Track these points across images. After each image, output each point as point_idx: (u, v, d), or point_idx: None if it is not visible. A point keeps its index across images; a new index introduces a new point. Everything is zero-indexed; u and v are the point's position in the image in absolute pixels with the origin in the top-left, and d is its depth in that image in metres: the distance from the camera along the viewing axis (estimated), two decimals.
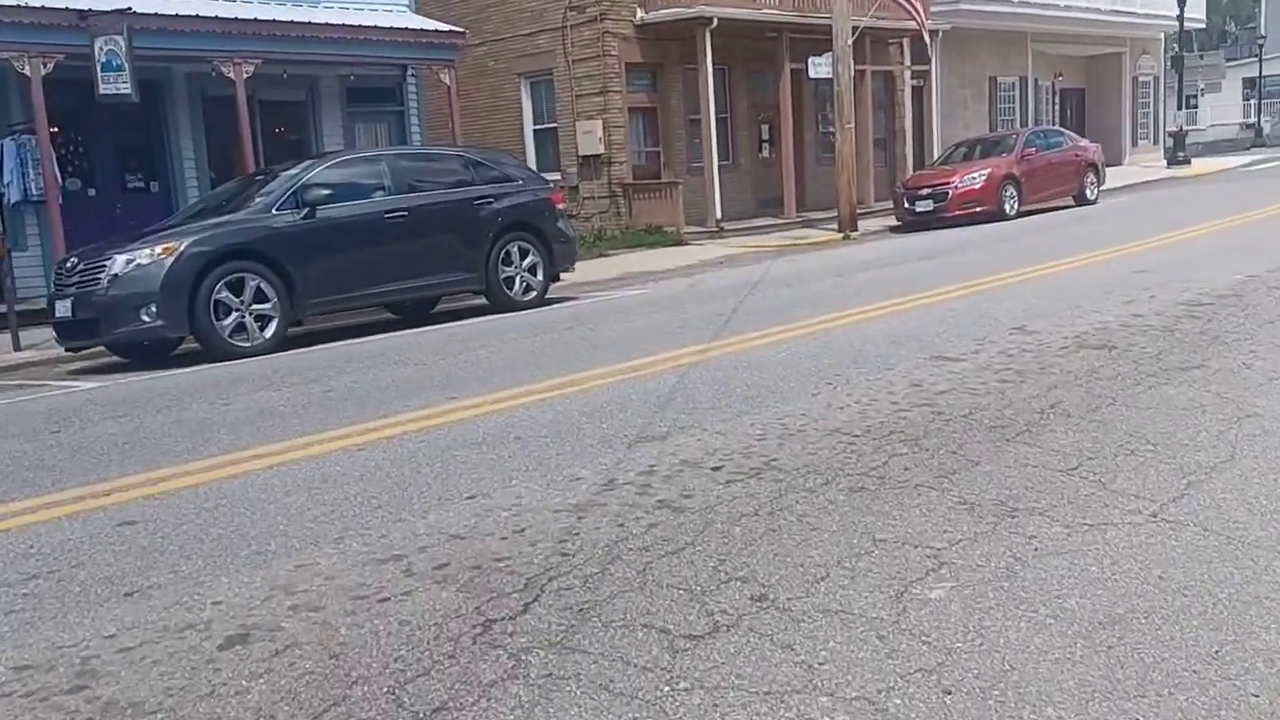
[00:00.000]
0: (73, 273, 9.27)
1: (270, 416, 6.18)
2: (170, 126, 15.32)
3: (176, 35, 13.66)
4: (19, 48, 12.49)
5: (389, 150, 11.05)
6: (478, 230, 11.01)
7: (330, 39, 15.00)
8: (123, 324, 8.98)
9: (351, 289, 10.06)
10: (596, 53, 20.53)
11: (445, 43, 16.37)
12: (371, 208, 10.30)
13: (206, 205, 10.88)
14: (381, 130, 17.63)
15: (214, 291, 9.11)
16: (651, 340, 7.92)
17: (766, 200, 23.81)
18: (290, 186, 9.84)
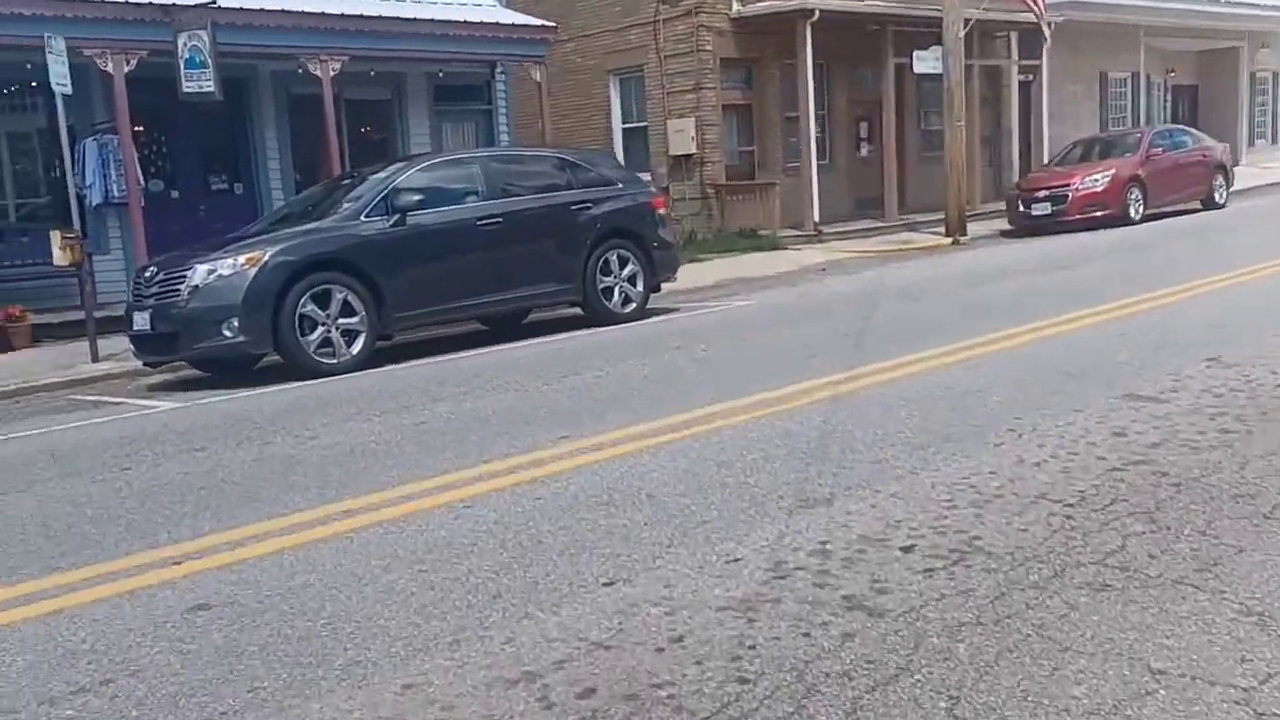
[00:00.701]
0: (151, 283, 8.73)
1: (361, 456, 5.47)
2: (254, 126, 14.87)
3: (262, 31, 13.16)
4: (102, 44, 12.08)
5: (481, 152, 10.37)
6: (575, 237, 10.26)
7: (419, 34, 14.40)
8: (203, 339, 8.41)
9: (443, 301, 9.38)
10: (690, 48, 19.69)
11: (537, 38, 15.69)
12: (464, 214, 9.61)
13: (291, 211, 10.29)
14: (469, 130, 17.02)
15: (299, 305, 8.49)
16: (776, 365, 7.06)
17: (864, 201, 22.74)
18: (380, 191, 9.18)
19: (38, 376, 9.85)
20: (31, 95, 13.40)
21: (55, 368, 10.30)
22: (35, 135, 13.66)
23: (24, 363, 10.68)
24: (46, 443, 6.72)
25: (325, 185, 10.68)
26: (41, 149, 13.68)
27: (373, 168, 10.40)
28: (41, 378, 9.81)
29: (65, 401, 8.86)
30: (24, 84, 13.15)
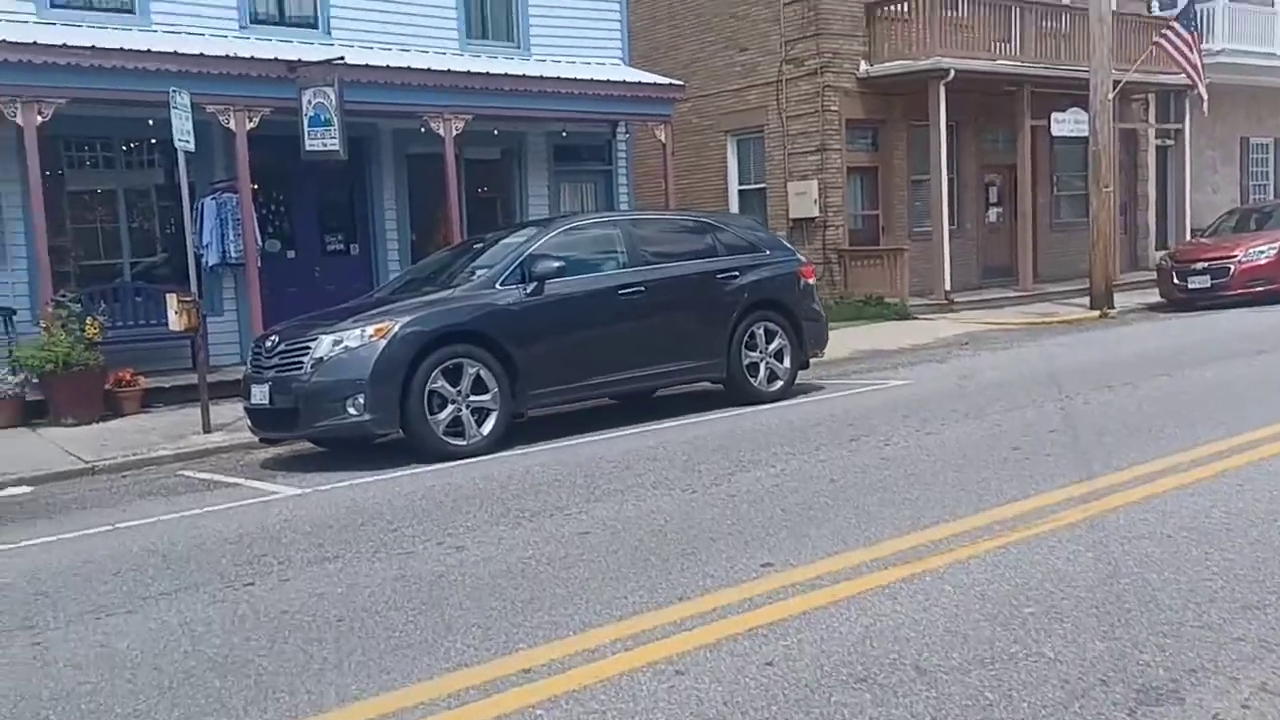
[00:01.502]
0: (272, 353, 8.06)
1: (522, 579, 4.57)
2: (373, 186, 14.40)
3: (386, 89, 12.70)
4: (225, 101, 11.69)
5: (623, 215, 9.59)
6: (720, 309, 9.37)
7: (544, 93, 13.82)
8: (325, 416, 7.68)
9: (581, 377, 8.54)
10: (815, 108, 18.87)
11: (663, 96, 15.02)
12: (604, 282, 8.80)
13: (416, 277, 9.61)
14: (587, 190, 16.37)
15: (429, 381, 7.72)
16: (985, 470, 6.01)
17: (992, 269, 21.53)
18: (516, 257, 8.42)
19: (148, 448, 9.25)
20: (150, 152, 13.11)
21: (166, 438, 9.72)
22: (153, 192, 13.35)
23: (134, 431, 10.13)
24: (157, 538, 5.99)
25: (453, 250, 9.99)
26: (159, 207, 13.36)
27: (504, 231, 9.71)
28: (152, 450, 9.21)
29: (177, 479, 8.20)
30: (143, 140, 12.88)
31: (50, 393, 10.44)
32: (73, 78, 10.83)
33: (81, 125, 11.88)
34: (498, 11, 15.30)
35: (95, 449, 9.29)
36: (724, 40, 20.35)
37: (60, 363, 10.22)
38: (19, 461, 8.87)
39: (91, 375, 10.53)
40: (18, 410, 10.50)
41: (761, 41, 19.71)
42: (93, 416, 10.53)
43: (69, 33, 11.38)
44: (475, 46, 14.82)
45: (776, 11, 19.31)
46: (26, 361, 10.28)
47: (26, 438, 9.98)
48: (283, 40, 13.11)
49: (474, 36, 14.96)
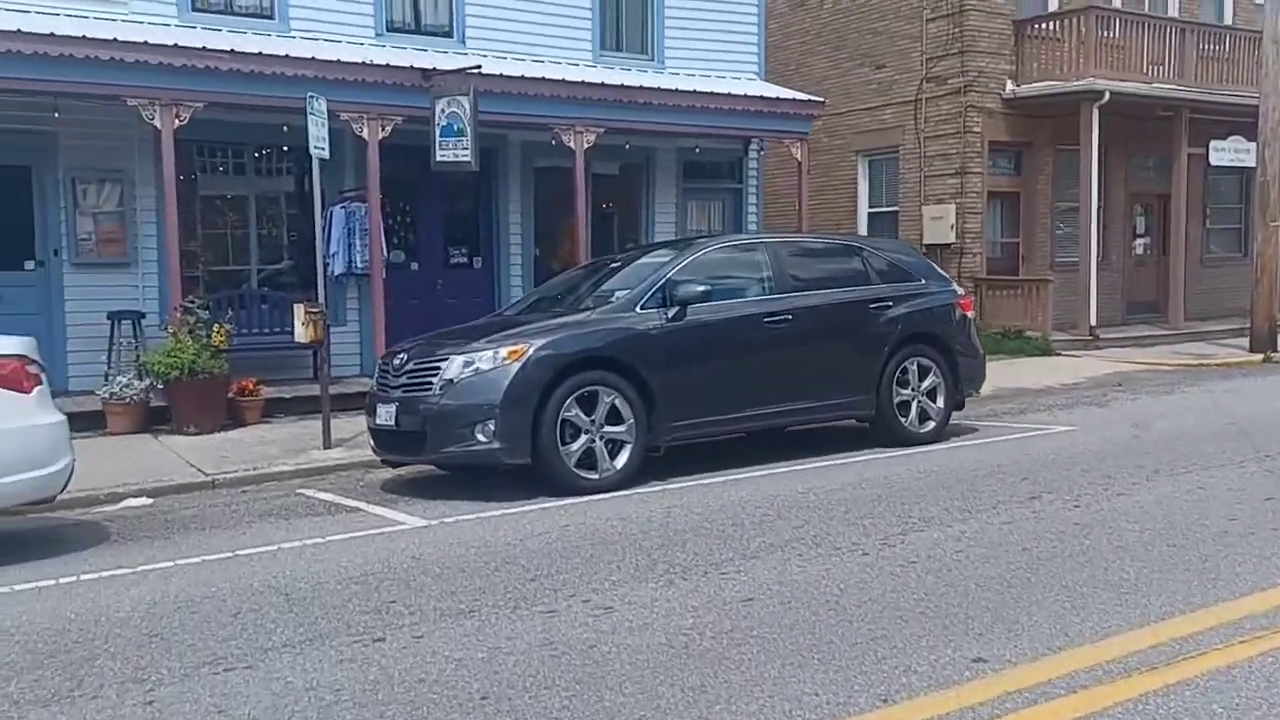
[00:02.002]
0: (400, 372, 7.65)
1: (696, 662, 3.97)
2: (499, 199, 14.08)
3: (519, 99, 12.33)
4: (359, 108, 11.47)
5: (769, 236, 8.97)
6: (872, 341, 8.68)
7: (679, 107, 13.31)
8: (453, 442, 7.23)
9: (722, 410, 7.95)
10: (956, 129, 17.99)
11: (802, 113, 14.37)
12: (750, 308, 8.20)
13: (546, 296, 9.15)
14: (715, 209, 15.80)
15: (563, 409, 7.22)
16: (1201, 547, 5.21)
17: (1137, 305, 20.27)
18: (657, 279, 7.88)
19: (268, 463, 8.97)
20: (281, 159, 13.01)
21: (286, 452, 9.44)
22: (283, 199, 13.25)
23: (254, 443, 9.89)
24: (280, 570, 5.58)
25: (585, 269, 9.49)
26: (287, 214, 13.25)
27: (640, 250, 9.22)
28: (272, 464, 8.93)
29: (296, 498, 7.87)
30: (275, 147, 12.77)
31: (174, 400, 10.29)
32: (211, 81, 10.72)
33: (215, 130, 11.79)
34: (632, 23, 14.88)
35: (215, 461, 9.05)
36: (859, 57, 19.61)
37: (186, 370, 10.06)
38: (140, 471, 8.67)
39: (215, 383, 10.35)
40: (141, 416, 10.38)
41: (900, 59, 18.92)
42: (214, 425, 10.35)
43: (209, 36, 11.31)
44: (609, 58, 14.41)
45: (919, 28, 18.50)
46: (153, 367, 10.15)
47: (148, 445, 9.83)
48: (417, 49, 12.90)
49: (607, 48, 14.56)
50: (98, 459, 9.09)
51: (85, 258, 11.62)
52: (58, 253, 11.58)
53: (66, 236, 11.55)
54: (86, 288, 11.61)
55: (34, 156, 11.47)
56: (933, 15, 18.29)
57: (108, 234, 11.72)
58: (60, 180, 11.53)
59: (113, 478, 8.41)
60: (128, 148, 11.69)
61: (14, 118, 11.06)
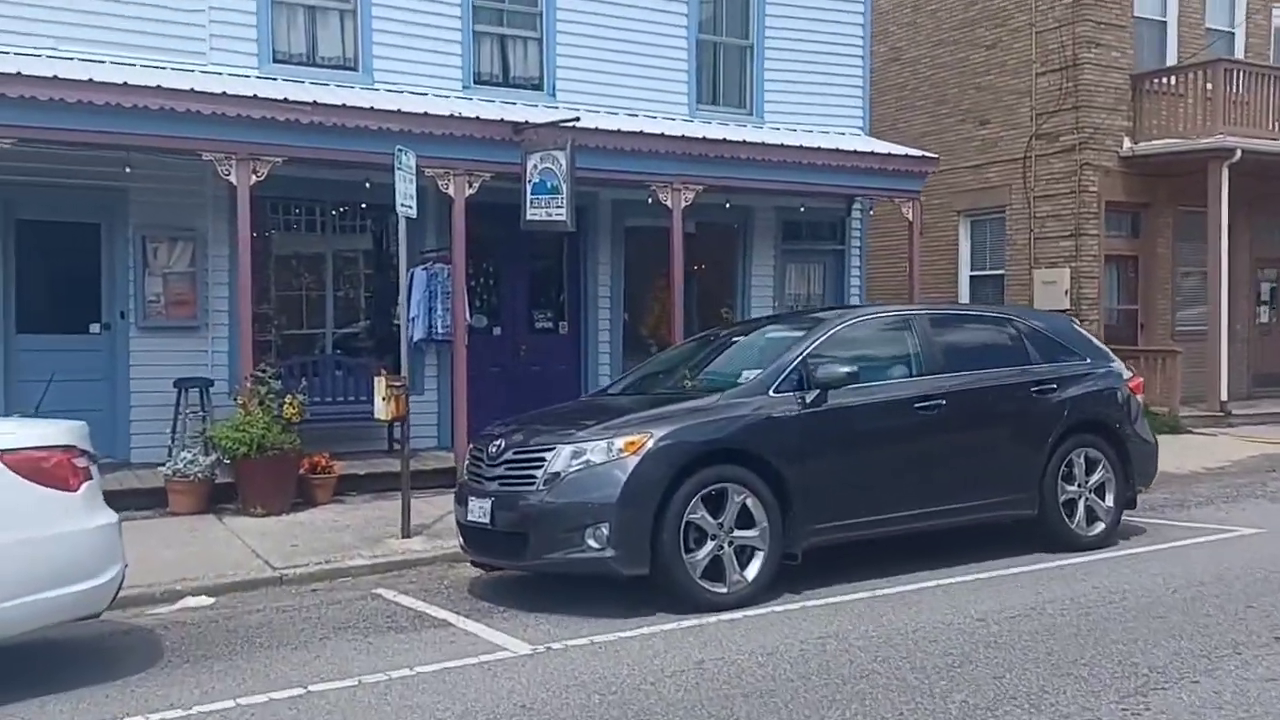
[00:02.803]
0: (497, 461, 6.65)
1: None
2: (587, 260, 13.19)
3: (615, 155, 11.45)
4: (445, 164, 10.66)
5: (916, 308, 7.89)
6: (1034, 429, 7.53)
7: (785, 163, 12.35)
8: (560, 547, 6.19)
9: (867, 511, 6.83)
10: (1070, 188, 16.81)
11: (915, 170, 13.32)
12: (898, 391, 7.11)
13: (653, 372, 8.13)
14: (815, 272, 14.76)
15: (687, 510, 6.16)
16: None
17: (1263, 377, 18.75)
18: (793, 357, 6.82)
19: (342, 554, 8.02)
20: (359, 217, 12.28)
21: (361, 540, 8.49)
22: (360, 259, 12.50)
23: (326, 528, 8.96)
24: (431, 710, 4.56)
25: (700, 342, 8.45)
26: (365, 275, 12.48)
27: (762, 322, 8.20)
28: (346, 556, 7.97)
29: (375, 602, 6.89)
30: (353, 204, 12.04)
31: (241, 478, 9.42)
32: (291, 135, 9.99)
33: (292, 186, 11.09)
34: (730, 76, 14.03)
35: (284, 551, 8.12)
36: (961, 113, 18.57)
37: (255, 446, 9.20)
38: (202, 562, 7.76)
39: (286, 460, 9.47)
40: (205, 495, 9.52)
41: (1007, 115, 17.84)
42: (283, 506, 9.45)
43: (289, 88, 10.63)
44: (706, 112, 13.54)
45: (1028, 83, 17.42)
46: (220, 442, 9.30)
47: (212, 529, 8.94)
48: (505, 102, 12.14)
49: (704, 102, 13.70)
50: (156, 546, 8.24)
51: (153, 320, 10.90)
52: (124, 315, 10.87)
53: (135, 298, 10.85)
54: (153, 352, 10.88)
55: (104, 213, 10.83)
56: (1043, 69, 17.21)
57: (177, 295, 11.00)
58: (130, 239, 10.86)
59: (172, 570, 7.51)
60: (201, 204, 11.02)
61: (85, 173, 10.43)
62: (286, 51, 11.51)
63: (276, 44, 11.40)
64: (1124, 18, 17.03)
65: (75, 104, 9.16)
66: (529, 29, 12.73)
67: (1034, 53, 17.37)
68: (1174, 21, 17.67)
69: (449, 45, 12.10)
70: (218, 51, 11.03)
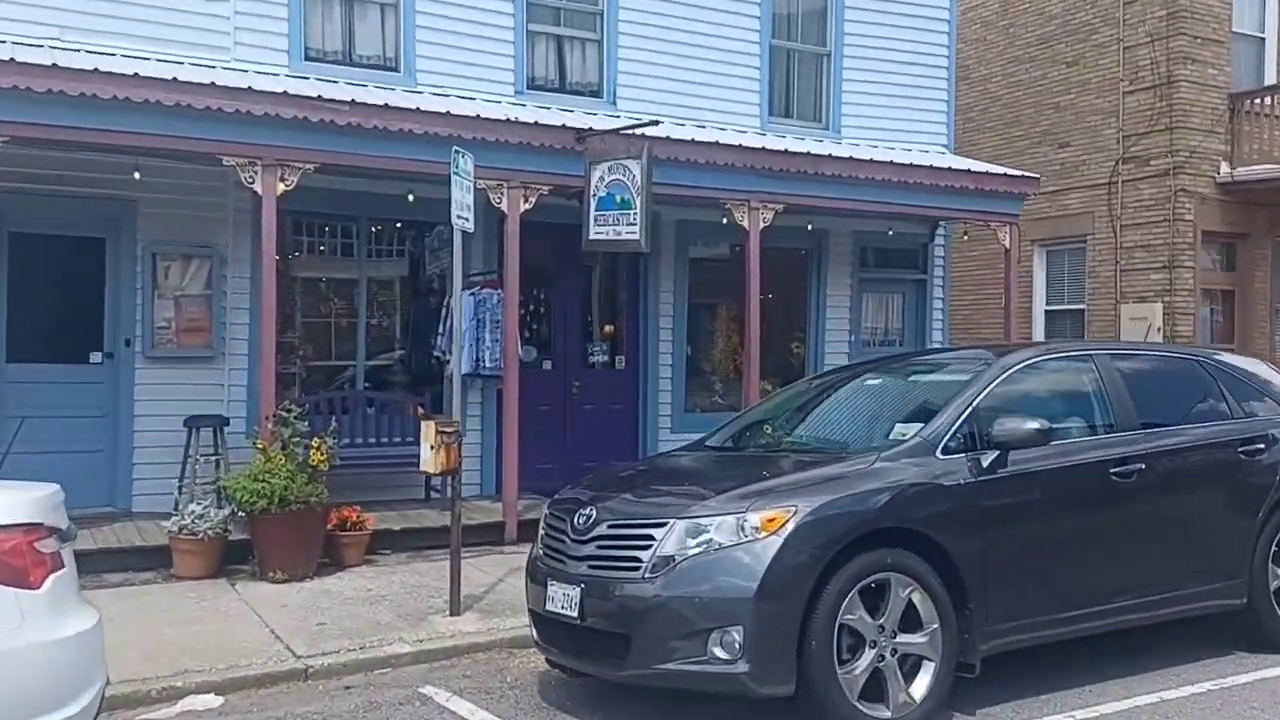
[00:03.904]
0: (586, 536, 5.21)
1: None
2: (648, 288, 11.82)
3: (686, 169, 10.10)
4: (499, 175, 9.33)
5: (1095, 345, 6.45)
6: (1242, 499, 6.10)
7: (871, 181, 10.99)
8: (673, 655, 4.74)
9: (1057, 606, 5.38)
10: (1163, 216, 15.39)
11: (1014, 191, 11.95)
12: (1089, 452, 5.68)
13: (759, 420, 6.70)
14: (894, 303, 13.38)
15: (842, 608, 4.73)
16: None
17: None
18: (963, 408, 5.39)
19: (379, 637, 6.59)
20: (398, 236, 10.96)
21: (402, 616, 7.07)
22: (397, 284, 11.15)
23: (359, 598, 7.54)
24: None
25: (820, 385, 6.91)
26: (401, 300, 11.13)
27: (901, 360, 6.80)
28: (385, 640, 6.54)
29: (422, 707, 5.51)
30: (391, 221, 10.74)
31: (259, 536, 8.03)
32: (325, 138, 8.68)
33: (322, 199, 9.78)
34: (805, 87, 12.71)
35: (309, 632, 6.70)
36: (1037, 135, 17.20)
37: (276, 499, 7.81)
38: (210, 645, 6.35)
39: (312, 516, 8.06)
40: (216, 555, 8.12)
41: (1089, 136, 16.45)
42: (307, 570, 8.04)
43: (323, 88, 9.33)
44: (779, 126, 12.22)
45: (1114, 102, 16.05)
46: (235, 494, 7.92)
47: (223, 599, 7.53)
48: (562, 109, 10.82)
49: (776, 115, 12.38)
50: (157, 621, 6.86)
51: (162, 349, 9.56)
52: (130, 343, 9.53)
53: (142, 323, 9.51)
54: (161, 386, 9.53)
55: (109, 227, 9.52)
56: (1132, 88, 15.85)
57: (191, 321, 9.65)
58: (138, 256, 9.53)
59: (173, 657, 6.11)
60: (220, 218, 9.71)
61: (87, 180, 9.15)
62: (320, 49, 10.23)
63: (309, 40, 10.13)
64: (1221, 32, 15.68)
65: (77, 97, 7.86)
66: (588, 30, 11.43)
67: (1121, 70, 16.02)
68: (1274, 37, 16.32)
69: (500, 46, 10.82)
70: (243, 47, 9.76)
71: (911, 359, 6.90)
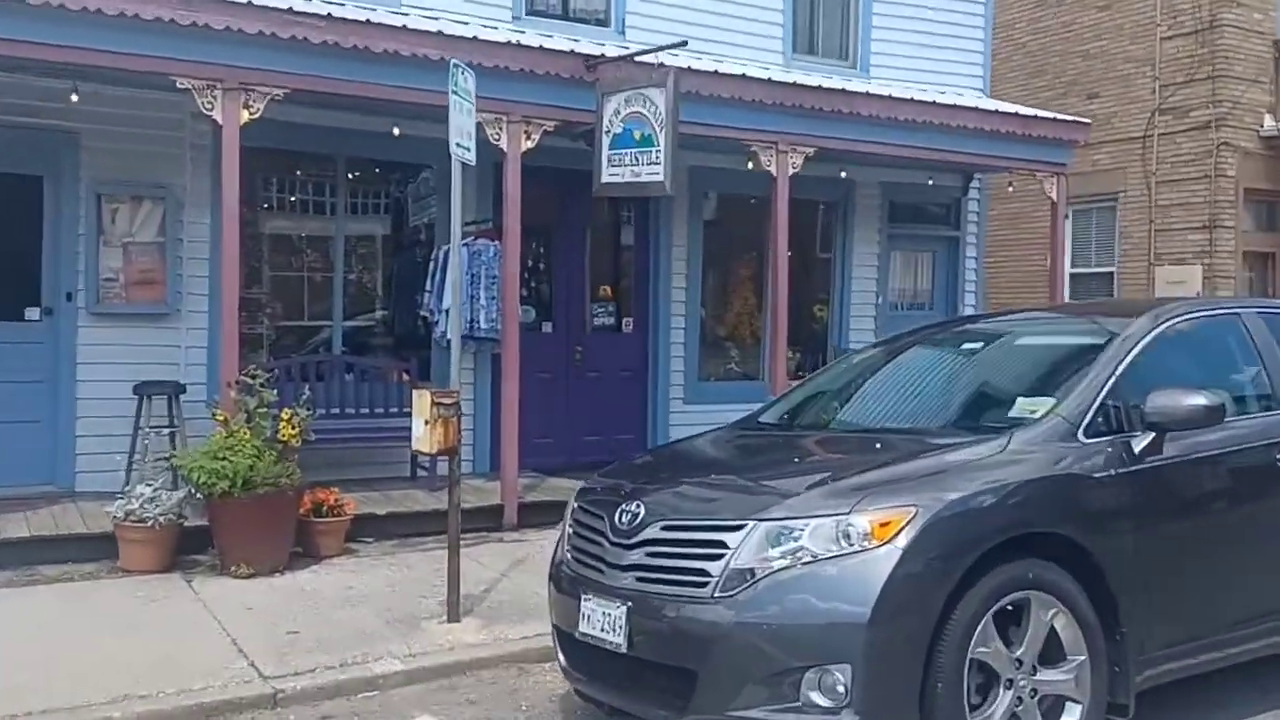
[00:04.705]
0: (632, 538, 4.06)
1: None
2: (657, 243, 10.65)
3: (707, 105, 8.87)
4: (498, 108, 8.10)
5: (1240, 303, 5.36)
6: None
7: (910, 123, 9.82)
8: (756, 700, 3.60)
9: (1226, 625, 4.31)
10: (1203, 172, 14.35)
11: (1064, 138, 10.82)
12: (1254, 432, 4.57)
13: (829, 389, 5.55)
14: (923, 262, 12.27)
15: (974, 639, 3.63)
16: None
17: None
18: (1103, 379, 4.26)
19: (363, 648, 5.46)
20: (381, 178, 9.73)
21: (389, 622, 5.94)
22: (379, 235, 9.93)
23: (337, 600, 6.39)
24: None
25: (892, 346, 5.79)
26: (385, 254, 9.92)
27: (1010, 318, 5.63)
28: (370, 653, 5.41)
29: None
30: (371, 162, 9.52)
31: (219, 523, 6.86)
32: (297, 59, 7.44)
33: (294, 135, 8.57)
34: (831, 23, 11.51)
35: (278, 644, 5.55)
36: (1063, 85, 16.07)
37: (239, 481, 6.63)
38: (157, 662, 5.20)
39: (282, 500, 6.89)
40: (170, 544, 6.94)
41: (1121, 86, 15.36)
42: (278, 563, 6.89)
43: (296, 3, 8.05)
44: (802, 63, 11.01)
45: (1150, 49, 14.95)
46: (192, 474, 6.73)
47: (177, 599, 6.36)
48: (567, 38, 9.57)
49: (800, 51, 11.19)
50: (96, 629, 5.72)
51: (109, 305, 8.32)
52: (71, 297, 8.28)
53: (85, 274, 8.25)
54: (108, 347, 8.30)
55: (47, 163, 8.23)
56: (1170, 34, 14.75)
57: (142, 272, 8.41)
58: (82, 197, 8.26)
59: (108, 678, 4.95)
60: (176, 154, 8.45)
61: (21, 107, 7.88)
62: None
63: None
64: None
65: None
66: None
67: (1158, 14, 14.91)
68: None
69: None
70: None
71: (1005, 319, 5.75)
